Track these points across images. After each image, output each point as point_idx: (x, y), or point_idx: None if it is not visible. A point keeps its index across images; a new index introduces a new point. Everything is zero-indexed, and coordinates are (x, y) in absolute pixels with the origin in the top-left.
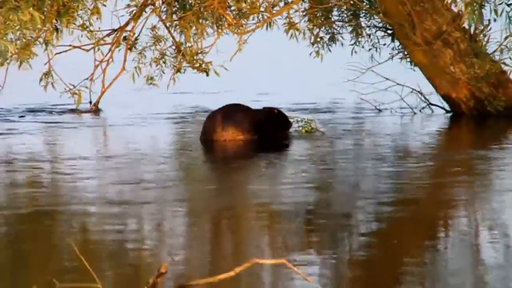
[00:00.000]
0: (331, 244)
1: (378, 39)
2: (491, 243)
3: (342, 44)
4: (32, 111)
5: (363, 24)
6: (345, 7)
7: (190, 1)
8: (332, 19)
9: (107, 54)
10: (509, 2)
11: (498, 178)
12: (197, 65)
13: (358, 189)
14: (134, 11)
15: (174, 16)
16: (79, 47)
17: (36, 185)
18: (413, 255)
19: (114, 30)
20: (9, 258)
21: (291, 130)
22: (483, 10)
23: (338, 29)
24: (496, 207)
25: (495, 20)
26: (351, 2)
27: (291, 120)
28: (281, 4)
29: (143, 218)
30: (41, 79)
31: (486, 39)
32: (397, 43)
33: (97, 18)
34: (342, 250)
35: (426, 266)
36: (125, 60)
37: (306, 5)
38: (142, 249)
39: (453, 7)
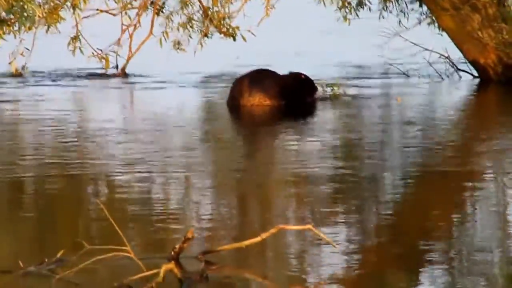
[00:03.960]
0: (357, 211)
1: (406, 4)
2: None
3: (369, 9)
4: (61, 75)
5: None
6: None
7: None
8: None
9: (134, 18)
10: None
11: None
12: (224, 29)
13: (385, 156)
14: None
15: None
16: (106, 11)
17: (66, 148)
18: (439, 226)
19: None
20: (37, 220)
21: (318, 94)
22: None
23: None
24: None
25: None
26: None
27: (318, 85)
28: None
29: (169, 184)
30: (68, 44)
31: None
32: (424, 8)
33: None
34: (368, 217)
35: (453, 237)
36: (152, 25)
37: None
38: (169, 214)
39: None
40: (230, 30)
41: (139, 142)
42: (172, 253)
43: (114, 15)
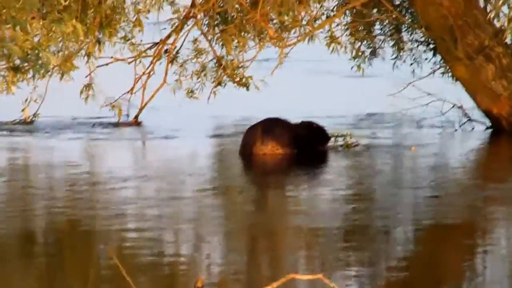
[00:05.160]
0: (369, 262)
1: (420, 53)
2: None
3: (383, 58)
4: (73, 123)
5: (405, 38)
6: (387, 21)
7: (232, 14)
8: (374, 33)
9: (148, 66)
10: None
11: None
12: (238, 79)
13: (397, 207)
14: (176, 24)
15: (216, 29)
16: (121, 59)
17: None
18: (452, 281)
19: (155, 43)
20: (47, 269)
21: (330, 144)
22: None
23: (380, 43)
24: None
25: None
26: (393, 16)
27: (330, 134)
28: (323, 17)
29: (180, 234)
30: (81, 92)
31: None
32: (438, 57)
33: (139, 31)
34: (380, 269)
35: (465, 284)
36: (166, 73)
37: (348, 19)
38: (178, 263)
39: (495, 22)
40: (243, 80)
41: (149, 189)
42: None
43: (129, 63)
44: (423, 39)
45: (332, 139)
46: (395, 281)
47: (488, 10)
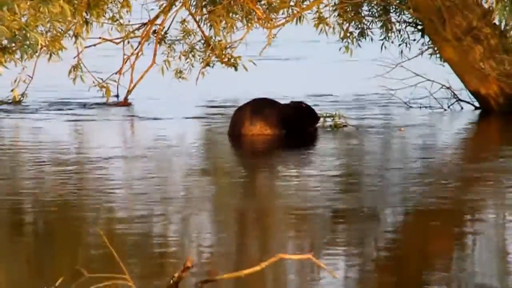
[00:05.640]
0: (358, 242)
1: (408, 34)
2: None
3: (371, 39)
4: (61, 104)
5: (393, 19)
6: (375, 2)
7: None
8: (362, 14)
9: (136, 47)
10: None
11: None
12: (226, 59)
13: (386, 188)
14: (164, 5)
15: (204, 10)
16: (109, 40)
17: (65, 176)
18: (439, 260)
19: (143, 24)
20: (36, 247)
21: (319, 124)
22: None
23: (368, 24)
24: None
25: None
26: None
27: (319, 115)
28: None
29: (168, 215)
30: (69, 72)
31: None
32: (427, 38)
33: (127, 11)
34: (368, 248)
35: (453, 269)
36: (155, 54)
37: (336, 0)
38: (168, 243)
39: (483, 3)
40: (232, 60)
41: (137, 169)
42: (171, 281)
43: (117, 43)
44: (411, 20)
45: (321, 119)
46: (383, 261)
47: None
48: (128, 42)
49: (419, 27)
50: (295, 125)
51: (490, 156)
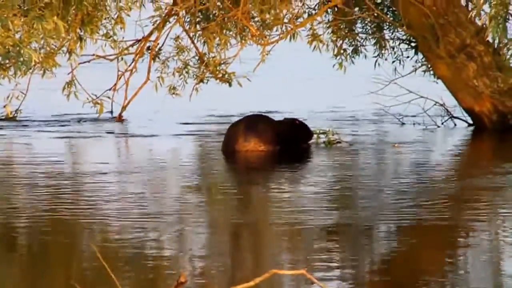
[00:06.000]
0: (351, 258)
1: (401, 51)
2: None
3: (365, 56)
4: (55, 120)
5: (386, 37)
6: (369, 19)
7: (214, 12)
8: (356, 31)
9: (130, 64)
10: None
11: None
12: (220, 75)
13: (380, 204)
14: (158, 21)
15: (198, 27)
16: (102, 56)
17: (58, 192)
18: (433, 274)
19: (137, 40)
20: (29, 262)
21: (313, 141)
22: (507, 23)
23: (362, 41)
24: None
25: None
26: (375, 14)
27: (313, 131)
28: (305, 15)
29: (163, 230)
30: (63, 88)
31: (510, 53)
32: (420, 55)
33: (121, 28)
34: (362, 265)
35: (447, 282)
36: (149, 71)
37: (330, 17)
38: (162, 258)
39: (477, 21)
40: (226, 76)
41: (131, 185)
42: None
43: (111, 60)
44: (404, 37)
45: (315, 136)
46: (376, 276)
47: (469, 9)
48: (122, 58)
49: (413, 44)
50: (289, 141)
51: (482, 173)
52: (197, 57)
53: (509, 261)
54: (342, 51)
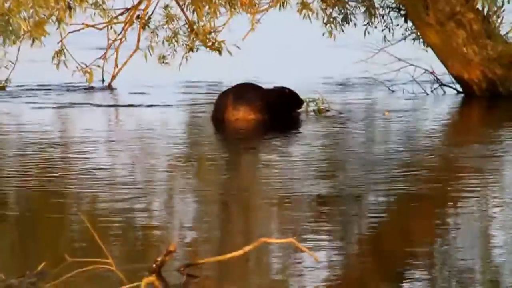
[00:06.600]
0: (340, 227)
1: (391, 19)
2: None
3: (355, 25)
4: (45, 89)
5: (376, 5)
6: None
7: None
8: None
9: (120, 33)
10: None
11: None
12: (210, 44)
13: (369, 171)
14: None
15: None
16: (92, 25)
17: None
18: (422, 243)
19: (127, 9)
20: (19, 233)
21: (302, 109)
22: None
23: (351, 9)
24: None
25: (508, 1)
26: None
27: (302, 99)
28: None
29: (151, 200)
30: (53, 58)
31: (499, 20)
32: (410, 23)
33: None
34: (351, 233)
35: (436, 250)
36: (139, 39)
37: None
38: (151, 227)
39: None
40: (216, 44)
41: (120, 155)
42: (154, 265)
43: (100, 29)
44: (394, 5)
45: (304, 104)
46: (366, 244)
47: None
48: (111, 27)
49: (402, 12)
50: (279, 110)
51: (472, 141)
52: (186, 26)
53: (498, 231)
54: (331, 19)
